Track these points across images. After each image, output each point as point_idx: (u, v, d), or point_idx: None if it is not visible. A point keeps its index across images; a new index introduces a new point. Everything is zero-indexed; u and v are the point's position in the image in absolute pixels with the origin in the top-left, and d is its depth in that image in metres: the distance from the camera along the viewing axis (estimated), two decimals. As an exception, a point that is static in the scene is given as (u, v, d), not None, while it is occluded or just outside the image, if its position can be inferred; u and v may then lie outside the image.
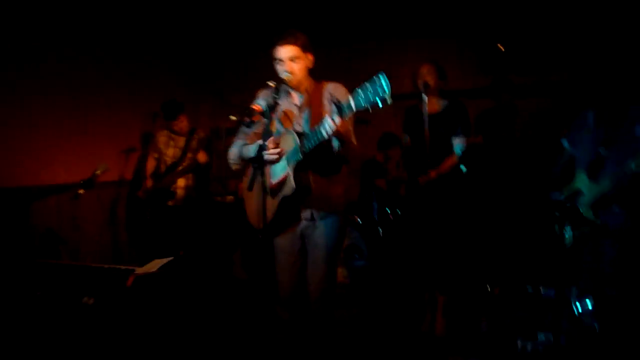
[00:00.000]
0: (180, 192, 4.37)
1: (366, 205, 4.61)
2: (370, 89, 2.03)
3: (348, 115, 2.14)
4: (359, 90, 2.07)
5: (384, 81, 1.99)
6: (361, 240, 4.43)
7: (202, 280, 3.77)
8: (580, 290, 3.23)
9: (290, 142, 2.43)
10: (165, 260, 2.49)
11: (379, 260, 4.30)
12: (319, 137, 2.25)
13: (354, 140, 2.43)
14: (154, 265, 2.47)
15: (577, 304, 3.24)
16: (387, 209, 4.54)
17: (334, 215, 2.57)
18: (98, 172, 3.69)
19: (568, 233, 2.90)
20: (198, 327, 2.96)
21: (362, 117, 4.45)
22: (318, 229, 2.56)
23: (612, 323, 2.70)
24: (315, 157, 2.39)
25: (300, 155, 2.35)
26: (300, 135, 2.40)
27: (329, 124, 2.17)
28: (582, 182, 2.81)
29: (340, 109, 2.14)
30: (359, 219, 4.51)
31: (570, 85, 2.87)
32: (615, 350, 2.67)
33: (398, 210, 4.43)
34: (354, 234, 4.45)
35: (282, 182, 2.45)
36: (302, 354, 2.67)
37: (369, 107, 2.05)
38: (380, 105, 2.02)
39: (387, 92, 1.98)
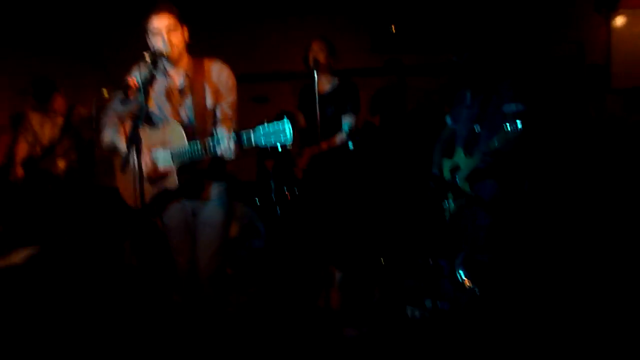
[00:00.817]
0: (62, 175, 4.02)
1: (263, 185, 4.56)
2: (272, 131, 2.03)
3: (246, 146, 2.12)
4: (261, 129, 2.06)
5: (287, 127, 2.01)
6: (259, 220, 4.39)
7: (87, 270, 3.51)
8: (463, 258, 3.46)
9: (176, 136, 2.33)
10: (30, 250, 2.26)
11: (277, 240, 4.30)
12: (213, 154, 2.22)
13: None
14: (17, 255, 2.23)
15: (459, 270, 3.48)
16: (284, 187, 4.54)
17: (222, 195, 2.54)
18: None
19: (449, 205, 3.07)
20: (75, 319, 2.75)
21: (261, 96, 4.40)
22: (207, 208, 2.52)
23: (487, 286, 2.93)
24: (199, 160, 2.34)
25: (189, 161, 2.29)
26: (187, 130, 2.32)
27: (229, 149, 2.14)
28: (459, 156, 2.98)
29: (239, 138, 2.12)
30: (257, 200, 4.46)
31: (454, 65, 3.01)
32: (492, 312, 2.89)
33: (295, 189, 4.44)
34: (252, 214, 4.40)
35: (164, 175, 2.37)
36: (197, 337, 2.60)
37: (268, 147, 2.06)
38: (280, 150, 2.06)
39: (288, 138, 2.01)
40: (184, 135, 2.30)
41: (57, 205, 4.01)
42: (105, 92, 2.20)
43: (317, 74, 3.18)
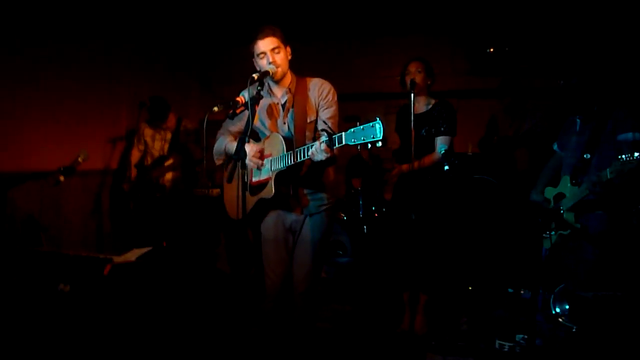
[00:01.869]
0: (168, 184, 4.36)
1: (352, 202, 4.61)
2: (364, 131, 2.07)
3: (336, 147, 2.19)
4: (353, 129, 2.11)
5: (378, 127, 2.04)
6: (345, 236, 4.44)
7: (184, 272, 3.76)
8: (559, 292, 3.27)
9: (276, 147, 2.45)
10: (144, 250, 2.48)
11: (362, 258, 4.31)
12: (305, 156, 2.29)
13: (336, 161, 2.47)
14: (133, 254, 2.46)
15: (556, 305, 3.28)
16: (372, 207, 4.56)
17: (321, 212, 2.61)
18: (79, 159, 3.67)
19: (549, 236, 2.93)
20: (176, 319, 2.95)
21: (353, 115, 4.47)
22: (306, 225, 2.59)
23: (588, 325, 2.73)
24: (298, 169, 2.42)
25: (285, 167, 2.38)
26: (287, 142, 2.42)
27: (320, 150, 2.20)
28: (565, 185, 2.84)
29: (330, 138, 2.18)
30: (344, 216, 4.52)
31: (562, 89, 2.90)
32: (590, 352, 2.70)
33: (383, 209, 4.44)
34: (339, 230, 4.46)
35: (263, 184, 2.48)
36: (285, 350, 2.67)
37: (359, 146, 2.10)
38: (369, 147, 2.08)
39: (378, 135, 2.04)
40: (284, 144, 2.41)
41: (163, 212, 4.33)
42: (216, 108, 2.37)
43: (414, 95, 3.19)
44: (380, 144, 2.05)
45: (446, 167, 3.15)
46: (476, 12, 5.05)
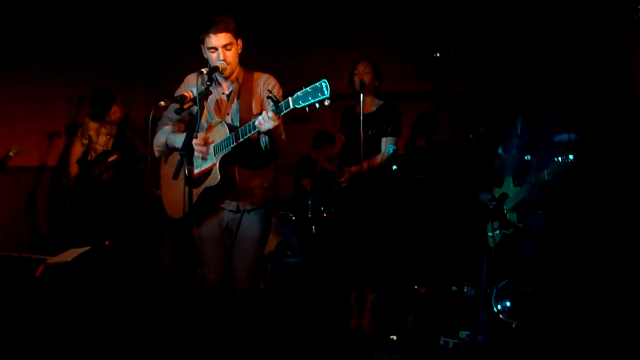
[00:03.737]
0: (110, 182, 4.18)
1: (301, 203, 4.60)
2: (311, 92, 2.07)
3: (284, 112, 2.16)
4: (299, 92, 2.11)
5: (324, 85, 2.05)
6: (294, 237, 4.41)
7: (125, 273, 3.60)
8: (501, 290, 3.38)
9: (219, 133, 2.40)
10: (81, 250, 2.35)
11: (311, 258, 4.30)
12: (252, 130, 2.25)
13: (283, 136, 2.44)
14: (69, 254, 2.33)
15: (497, 302, 3.39)
16: (321, 207, 4.56)
17: (259, 209, 2.57)
18: (10, 153, 3.44)
19: (493, 235, 3.02)
20: (113, 321, 2.81)
21: (301, 115, 4.46)
22: (244, 222, 2.55)
23: (528, 320, 2.84)
24: (243, 151, 2.38)
25: (230, 148, 2.33)
26: (231, 128, 2.37)
27: (267, 118, 2.17)
28: (508, 186, 2.94)
29: (277, 105, 2.15)
30: (292, 216, 4.49)
31: (510, 97, 3.01)
32: (529, 347, 2.80)
33: (332, 209, 4.45)
34: (287, 231, 4.42)
35: (207, 173, 2.42)
36: (228, 350, 2.61)
37: (307, 108, 2.10)
38: (318, 107, 2.08)
39: (326, 94, 2.04)
40: (227, 129, 2.36)
41: (105, 211, 4.15)
42: (162, 103, 2.29)
43: (362, 95, 3.21)
44: (327, 102, 2.06)
45: (394, 167, 3.19)
46: (424, 16, 5.18)
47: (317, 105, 2.07)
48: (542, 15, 4.93)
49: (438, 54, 5.37)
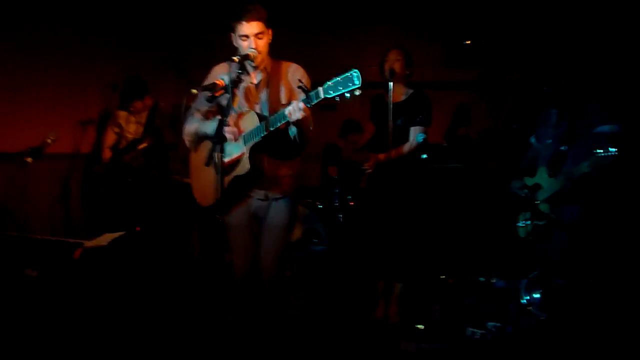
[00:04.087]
0: (141, 168, 4.25)
1: (327, 191, 4.61)
2: (342, 81, 2.06)
3: (314, 102, 2.16)
4: (330, 82, 2.09)
5: (355, 75, 2.04)
6: (321, 225, 4.43)
7: (157, 258, 3.68)
8: (530, 281, 3.34)
9: (249, 122, 2.41)
10: (116, 235, 2.41)
11: (337, 246, 4.32)
12: (282, 120, 2.26)
13: (311, 127, 2.43)
14: (105, 239, 2.39)
15: (526, 294, 3.35)
16: (348, 195, 4.56)
17: (286, 198, 2.58)
18: (48, 140, 3.53)
19: (525, 225, 2.98)
20: (149, 306, 2.88)
21: (329, 104, 4.44)
22: (271, 210, 2.57)
23: (559, 311, 2.80)
24: (272, 141, 2.39)
25: (260, 137, 2.34)
26: (261, 117, 2.38)
27: (297, 108, 2.18)
28: (541, 176, 2.88)
29: (308, 95, 2.15)
30: (319, 204, 4.51)
31: (540, 84, 2.94)
32: (560, 339, 2.77)
33: (359, 197, 4.44)
34: (314, 219, 4.44)
35: (236, 162, 2.44)
36: (256, 336, 2.65)
37: (337, 98, 2.08)
38: (348, 97, 2.07)
39: (357, 84, 2.04)
40: (257, 119, 2.37)
41: (135, 197, 4.23)
42: (194, 91, 2.31)
43: (392, 84, 3.18)
44: (358, 92, 2.06)
45: (424, 156, 3.16)
46: (454, 4, 5.08)
47: (348, 95, 2.06)
48: (574, 2, 4.78)
49: (468, 42, 5.27)
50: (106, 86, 4.61)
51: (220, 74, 2.49)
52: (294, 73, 2.54)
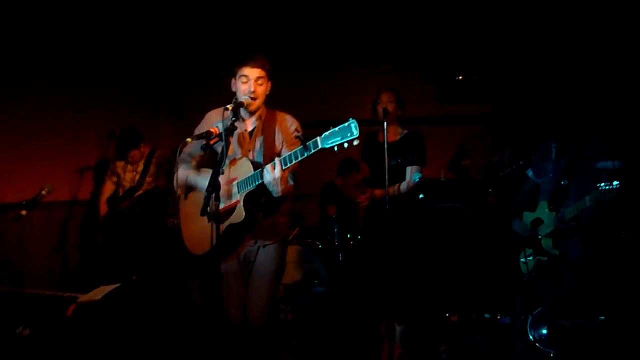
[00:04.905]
0: (138, 216, 4.24)
1: (327, 230, 4.57)
2: (340, 132, 2.08)
3: (313, 152, 2.18)
4: (328, 132, 2.11)
5: (354, 126, 2.05)
6: (321, 265, 4.37)
7: (155, 308, 3.61)
8: (536, 318, 3.26)
9: (244, 170, 2.42)
10: (111, 287, 2.36)
11: (338, 287, 4.25)
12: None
13: (281, 188, 2.35)
14: (99, 292, 2.34)
15: (533, 331, 3.27)
16: (348, 234, 4.51)
17: (275, 243, 2.59)
18: (44, 192, 3.51)
19: (527, 261, 2.93)
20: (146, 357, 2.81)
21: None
22: (260, 256, 2.57)
23: (567, 352, 2.72)
24: (264, 190, 2.39)
25: (255, 186, 2.35)
26: (255, 165, 2.40)
27: (268, 172, 2.24)
28: (543, 211, 2.85)
29: (305, 146, 2.18)
30: (319, 244, 4.46)
31: (538, 117, 2.95)
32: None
33: (359, 237, 4.40)
34: (314, 259, 4.39)
35: (230, 210, 2.43)
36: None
37: (336, 148, 2.10)
38: (347, 147, 2.08)
39: (355, 134, 2.05)
40: (252, 166, 2.38)
41: (133, 245, 4.20)
42: (189, 140, 2.32)
43: (386, 124, 3.20)
44: (357, 142, 2.06)
45: (421, 196, 3.15)
46: (446, 40, 5.17)
47: (347, 145, 2.07)
48: (567, 37, 4.86)
49: (460, 77, 5.35)
50: (103, 134, 4.65)
51: (216, 120, 2.51)
52: (291, 124, 2.58)
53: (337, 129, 2.09)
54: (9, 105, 4.05)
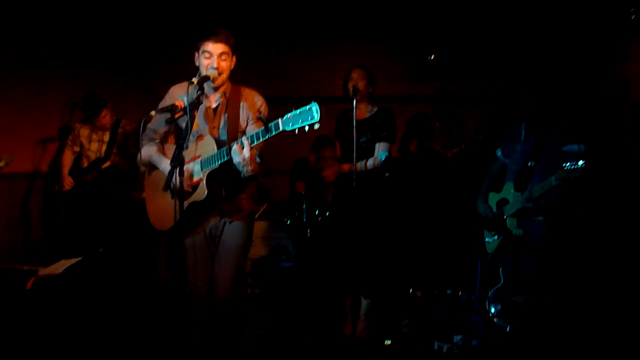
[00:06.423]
0: (104, 188, 4.16)
1: (296, 206, 4.59)
2: (301, 114, 2.08)
3: (273, 134, 2.18)
4: (289, 114, 2.11)
5: (315, 109, 2.05)
6: (289, 241, 4.41)
7: (120, 280, 3.59)
8: (494, 294, 3.38)
9: (207, 148, 2.40)
10: (73, 261, 2.34)
11: (305, 262, 4.30)
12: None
13: (252, 167, 2.35)
14: (60, 265, 2.31)
15: (491, 306, 3.39)
16: (316, 211, 4.55)
17: (241, 219, 2.60)
18: (1, 163, 3.41)
19: (492, 241, 3.02)
20: (105, 333, 2.80)
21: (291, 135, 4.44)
22: (226, 231, 2.58)
23: (520, 327, 2.84)
24: (228, 168, 2.38)
25: (217, 164, 2.35)
26: (219, 143, 2.39)
27: (237, 153, 2.23)
28: (508, 191, 2.93)
29: (267, 127, 2.17)
30: (287, 220, 4.49)
31: (508, 96, 3.00)
32: (523, 351, 2.80)
33: (327, 213, 4.44)
34: (282, 235, 4.42)
35: (194, 187, 2.42)
36: (217, 357, 2.61)
37: (296, 131, 2.10)
38: (307, 130, 2.08)
39: (316, 117, 2.05)
40: (215, 145, 2.37)
41: (98, 217, 4.13)
42: (153, 112, 2.29)
43: (356, 102, 3.21)
44: (317, 126, 2.07)
45: (386, 174, 3.19)
46: (418, 19, 5.17)
47: (307, 128, 2.07)
48: (537, 18, 4.93)
49: (432, 57, 5.38)
50: (66, 106, 4.52)
51: (179, 95, 2.48)
52: (255, 101, 2.56)
53: (298, 111, 2.09)
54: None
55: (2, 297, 2.19)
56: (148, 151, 2.59)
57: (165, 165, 2.48)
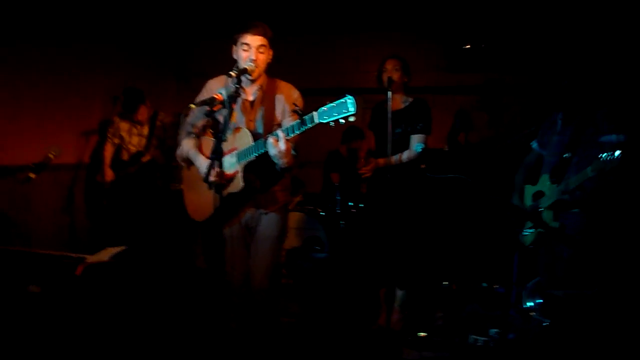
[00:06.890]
0: (145, 181, 4.29)
1: (329, 198, 4.62)
2: (336, 107, 2.08)
3: (309, 126, 2.20)
4: (324, 107, 2.12)
5: (350, 102, 2.06)
6: (323, 232, 4.44)
7: (160, 271, 3.71)
8: (531, 287, 3.33)
9: (243, 140, 2.44)
10: (118, 249, 2.44)
11: (339, 254, 4.33)
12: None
13: (287, 159, 2.37)
14: (106, 254, 2.41)
15: (527, 300, 3.34)
16: (350, 202, 4.57)
17: (276, 210, 2.64)
18: (50, 155, 3.55)
19: (529, 233, 2.97)
20: (151, 320, 2.91)
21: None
22: (262, 222, 2.62)
23: (559, 321, 2.79)
24: (264, 159, 2.41)
25: (253, 156, 2.38)
26: (255, 135, 2.42)
27: (272, 146, 2.26)
28: (544, 183, 2.88)
29: (302, 119, 2.19)
30: (321, 211, 4.52)
31: (544, 86, 2.93)
32: (561, 346, 2.76)
33: (360, 204, 4.45)
34: (316, 226, 4.46)
35: (230, 179, 2.46)
36: (249, 346, 2.67)
37: (332, 123, 2.11)
38: (343, 123, 2.09)
39: (351, 110, 2.06)
40: (251, 137, 2.41)
41: (139, 208, 4.26)
42: (192, 106, 2.34)
43: (391, 93, 3.19)
44: (352, 118, 2.07)
45: (423, 166, 3.17)
46: (454, 9, 5.08)
47: (342, 121, 2.08)
48: (575, 5, 4.77)
49: (468, 46, 5.28)
50: (108, 96, 4.66)
51: (217, 88, 2.52)
52: (291, 94, 2.58)
53: (334, 104, 2.09)
54: (15, 67, 4.06)
55: (55, 281, 2.31)
56: (185, 147, 2.65)
57: (200, 162, 2.55)
